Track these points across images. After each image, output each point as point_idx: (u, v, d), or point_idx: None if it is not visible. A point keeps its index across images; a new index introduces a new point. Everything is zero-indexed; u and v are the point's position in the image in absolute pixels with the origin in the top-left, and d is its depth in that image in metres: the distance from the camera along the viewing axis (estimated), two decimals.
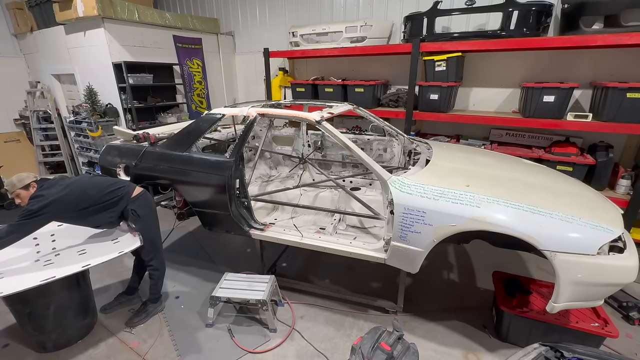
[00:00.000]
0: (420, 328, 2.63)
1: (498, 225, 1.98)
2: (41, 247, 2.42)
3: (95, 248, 2.39)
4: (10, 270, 2.13)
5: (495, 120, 3.57)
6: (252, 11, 5.49)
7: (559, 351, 1.56)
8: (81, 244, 2.45)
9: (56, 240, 2.51)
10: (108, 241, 2.48)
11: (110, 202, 2.39)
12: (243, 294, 2.55)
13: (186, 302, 2.93)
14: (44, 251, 2.37)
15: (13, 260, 2.24)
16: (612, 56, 3.30)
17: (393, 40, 4.41)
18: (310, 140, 3.86)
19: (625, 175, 3.21)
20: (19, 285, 1.94)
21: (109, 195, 2.39)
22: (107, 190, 2.40)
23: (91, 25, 4.34)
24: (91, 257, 2.25)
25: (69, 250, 2.38)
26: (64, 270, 2.09)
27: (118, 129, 3.33)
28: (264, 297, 2.49)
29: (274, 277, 2.74)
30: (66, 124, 5.37)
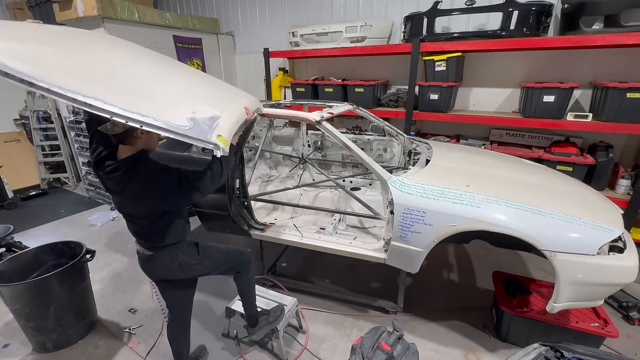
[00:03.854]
0: (420, 328, 2.63)
1: (498, 225, 1.98)
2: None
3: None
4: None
5: (495, 120, 3.57)
6: (252, 11, 5.48)
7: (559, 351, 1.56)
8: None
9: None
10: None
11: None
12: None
13: None
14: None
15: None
16: (612, 56, 3.30)
17: (393, 40, 4.41)
18: (310, 140, 3.86)
19: (625, 175, 3.21)
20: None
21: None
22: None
23: (91, 25, 4.33)
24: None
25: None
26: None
27: None
28: (277, 324, 2.25)
29: (296, 301, 2.48)
30: (66, 124, 5.36)
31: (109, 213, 4.77)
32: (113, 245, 3.95)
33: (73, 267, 2.37)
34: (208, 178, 1.60)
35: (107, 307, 2.89)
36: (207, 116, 1.44)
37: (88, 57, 1.48)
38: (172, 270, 1.83)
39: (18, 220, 4.53)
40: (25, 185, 5.64)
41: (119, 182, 1.53)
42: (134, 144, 1.55)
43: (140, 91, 1.43)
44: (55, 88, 1.16)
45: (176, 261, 1.79)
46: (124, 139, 1.52)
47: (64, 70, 1.28)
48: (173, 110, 1.39)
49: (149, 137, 1.59)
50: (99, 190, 5.13)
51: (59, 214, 4.81)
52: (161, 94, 1.49)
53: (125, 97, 1.30)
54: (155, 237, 1.73)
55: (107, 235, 4.17)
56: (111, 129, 1.44)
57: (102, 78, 1.37)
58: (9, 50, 1.20)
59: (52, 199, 5.48)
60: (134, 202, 1.62)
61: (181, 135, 1.32)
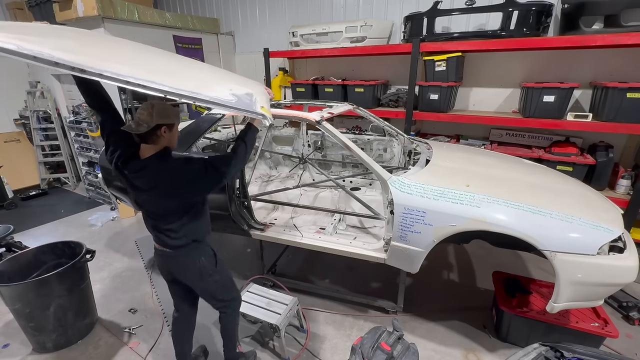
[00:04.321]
0: (420, 328, 2.63)
1: (498, 225, 1.98)
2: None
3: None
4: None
5: (495, 120, 3.57)
6: (252, 11, 5.48)
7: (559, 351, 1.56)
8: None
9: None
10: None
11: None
12: (258, 313, 2.33)
13: None
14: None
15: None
16: (612, 56, 3.30)
17: (393, 40, 4.40)
18: (310, 140, 3.86)
19: (625, 175, 3.21)
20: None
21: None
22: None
23: (91, 25, 4.33)
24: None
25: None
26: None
27: None
28: (277, 322, 2.25)
29: (297, 300, 2.48)
30: (66, 124, 5.37)
31: (109, 213, 4.77)
32: (113, 245, 3.95)
33: (73, 267, 2.37)
34: (232, 160, 1.64)
35: (107, 307, 2.89)
36: (244, 92, 1.48)
37: (114, 47, 1.55)
38: (191, 272, 1.82)
39: (18, 220, 4.53)
40: (25, 185, 5.64)
41: (149, 179, 1.56)
42: (157, 142, 1.57)
43: (176, 73, 1.47)
44: (107, 73, 1.21)
45: (197, 263, 1.79)
46: (148, 138, 1.54)
47: (105, 57, 1.33)
48: (214, 88, 1.44)
49: (172, 135, 1.61)
50: (99, 190, 5.13)
51: (59, 214, 4.82)
52: (194, 77, 1.53)
53: (169, 78, 1.34)
54: (180, 234, 1.71)
55: (107, 235, 4.18)
56: (136, 129, 1.47)
57: (139, 63, 1.42)
58: (48, 44, 1.25)
59: (52, 199, 5.48)
60: (165, 196, 1.62)
61: (232, 108, 1.39)
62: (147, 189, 1.59)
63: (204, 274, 1.82)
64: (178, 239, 1.72)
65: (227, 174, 1.64)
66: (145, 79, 1.25)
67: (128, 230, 4.34)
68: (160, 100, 1.55)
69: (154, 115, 1.50)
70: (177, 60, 1.80)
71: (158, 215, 1.70)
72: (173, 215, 1.67)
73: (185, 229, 1.71)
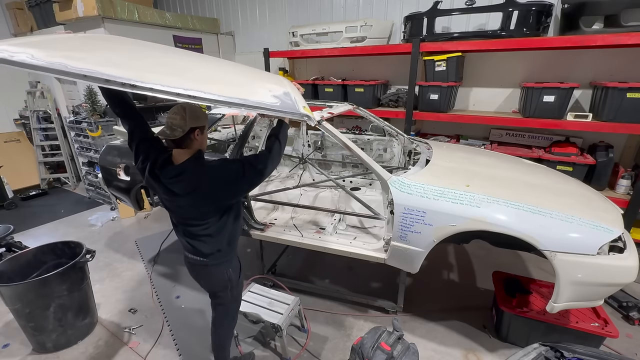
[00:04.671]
0: (420, 328, 2.63)
1: (498, 225, 1.98)
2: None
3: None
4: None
5: (495, 120, 3.57)
6: (252, 11, 5.48)
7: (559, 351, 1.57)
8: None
9: None
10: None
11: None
12: (259, 312, 2.33)
13: (187, 302, 2.93)
14: None
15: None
16: (612, 56, 3.30)
17: (393, 40, 4.41)
18: (310, 140, 3.86)
19: (625, 175, 3.21)
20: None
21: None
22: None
23: (91, 25, 4.33)
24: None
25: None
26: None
27: (118, 129, 3.33)
28: (279, 322, 2.23)
29: (298, 300, 2.49)
30: (66, 124, 5.37)
31: (109, 213, 4.78)
32: (113, 245, 3.95)
33: (73, 267, 2.37)
34: (268, 158, 1.66)
35: (107, 307, 2.90)
36: (282, 92, 1.48)
37: (149, 57, 1.52)
38: (217, 282, 1.85)
39: (18, 220, 4.53)
40: (25, 185, 5.65)
41: (188, 184, 1.55)
42: (190, 147, 1.57)
43: (216, 80, 1.47)
44: (157, 86, 1.20)
45: (225, 275, 1.81)
46: (182, 143, 1.54)
47: (148, 69, 1.31)
48: (255, 91, 1.44)
49: (203, 137, 1.62)
50: (99, 190, 5.14)
51: (59, 214, 4.82)
52: (231, 80, 1.53)
53: (213, 86, 1.33)
54: (216, 239, 1.71)
55: (107, 235, 4.18)
56: (171, 134, 1.48)
57: (178, 72, 1.40)
58: (91, 59, 1.23)
59: (52, 199, 5.48)
60: (204, 198, 1.60)
61: (277, 111, 1.40)
62: (186, 193, 1.57)
63: (226, 285, 1.85)
64: (213, 244, 1.72)
65: (264, 171, 1.65)
66: (192, 89, 1.24)
67: (128, 230, 4.34)
68: (191, 104, 1.54)
69: (187, 119, 1.51)
70: (208, 62, 1.80)
71: (195, 220, 1.66)
72: (211, 219, 1.66)
73: (222, 234, 1.71)
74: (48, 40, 1.44)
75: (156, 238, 3.98)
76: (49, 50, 1.22)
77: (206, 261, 1.75)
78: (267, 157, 1.66)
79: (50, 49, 1.25)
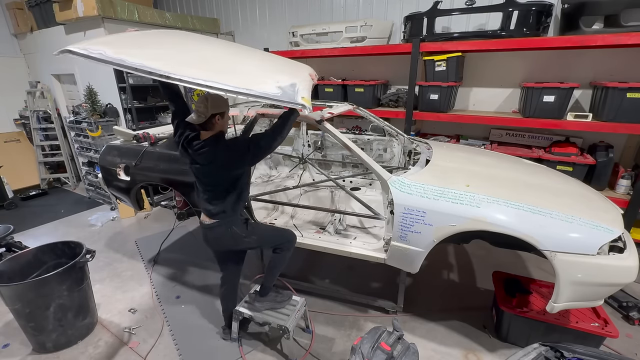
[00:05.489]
0: (420, 328, 2.63)
1: (498, 225, 1.98)
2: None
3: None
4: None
5: (495, 120, 3.57)
6: (252, 11, 5.48)
7: (559, 351, 1.56)
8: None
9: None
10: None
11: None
12: (266, 315, 2.34)
13: (187, 302, 2.93)
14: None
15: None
16: (612, 56, 3.30)
17: (393, 40, 4.40)
18: (310, 140, 3.86)
19: (625, 175, 3.21)
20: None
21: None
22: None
23: (91, 25, 4.33)
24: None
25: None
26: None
27: (118, 129, 3.33)
28: (286, 324, 2.24)
29: (304, 301, 2.49)
30: (66, 124, 5.37)
31: (109, 213, 4.78)
32: (113, 245, 3.95)
33: (73, 267, 2.37)
34: (270, 137, 1.94)
35: (107, 307, 2.90)
36: (289, 83, 1.72)
37: (187, 50, 1.89)
38: (225, 239, 2.16)
39: (18, 220, 4.53)
40: (25, 185, 5.65)
41: (208, 155, 1.92)
42: (212, 129, 1.93)
43: (235, 71, 1.78)
44: (185, 78, 1.56)
45: (229, 232, 2.12)
46: (206, 126, 1.90)
47: (181, 63, 1.68)
48: (264, 82, 1.71)
49: (224, 121, 1.98)
50: (99, 190, 5.14)
51: (59, 214, 4.82)
52: (249, 71, 1.84)
53: (226, 76, 1.64)
54: (223, 204, 2.06)
55: (107, 235, 4.18)
56: (197, 120, 1.84)
57: (203, 64, 1.73)
58: (142, 55, 1.63)
59: (52, 199, 5.48)
60: (220, 168, 1.97)
61: (277, 100, 1.65)
62: (206, 163, 1.95)
63: (236, 238, 2.15)
64: (220, 206, 2.06)
65: (265, 148, 1.95)
66: (210, 80, 1.56)
67: (128, 230, 4.34)
68: (213, 94, 1.84)
69: (209, 107, 1.84)
70: (236, 52, 2.11)
71: (211, 185, 2.04)
72: (224, 185, 2.04)
73: (228, 199, 2.06)
74: (117, 39, 1.86)
75: (156, 238, 3.98)
76: (115, 47, 1.62)
77: (213, 222, 2.10)
78: (269, 136, 1.94)
79: (117, 46, 1.64)
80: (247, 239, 2.19)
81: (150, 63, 1.56)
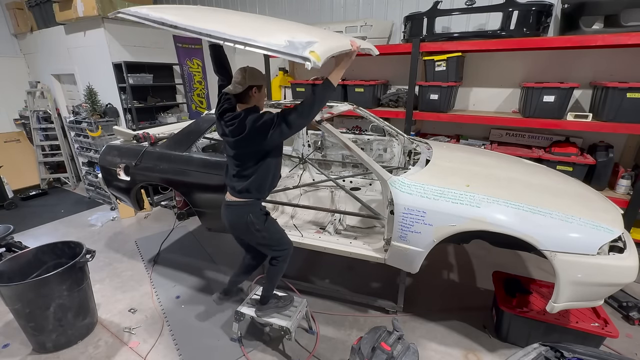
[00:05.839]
0: (420, 328, 2.63)
1: (498, 225, 1.98)
2: None
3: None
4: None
5: (495, 120, 3.56)
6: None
7: (559, 351, 1.56)
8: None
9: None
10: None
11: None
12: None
13: (187, 302, 2.93)
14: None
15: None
16: (612, 56, 3.30)
17: (393, 40, 4.40)
18: (310, 140, 3.86)
19: (625, 175, 3.21)
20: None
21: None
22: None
23: (91, 25, 4.34)
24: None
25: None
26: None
27: (118, 129, 3.33)
28: (288, 325, 2.24)
29: (306, 302, 2.50)
30: (66, 124, 5.37)
31: (109, 213, 4.78)
32: (113, 245, 3.95)
33: (73, 267, 2.37)
34: (298, 111, 1.87)
35: (107, 307, 2.90)
36: (305, 40, 1.62)
37: (215, 12, 2.11)
38: (239, 225, 2.12)
39: (18, 220, 4.54)
40: (25, 185, 5.65)
41: (236, 128, 1.89)
42: (248, 102, 1.93)
43: (250, 28, 1.80)
44: (204, 31, 1.68)
45: (245, 219, 2.07)
46: (242, 98, 1.91)
47: (208, 20, 1.79)
48: (273, 36, 1.66)
49: (260, 96, 1.97)
50: (99, 190, 5.14)
51: (59, 214, 4.82)
52: (269, 29, 1.85)
53: (239, 29, 1.69)
54: (248, 182, 2.01)
55: (107, 235, 4.18)
56: (233, 90, 1.86)
57: (231, 23, 1.87)
58: (198, 21, 1.75)
59: (52, 199, 5.48)
60: (248, 141, 1.91)
61: (274, 50, 1.58)
62: (234, 136, 1.91)
63: (251, 228, 2.09)
64: (244, 183, 2.02)
65: (292, 123, 1.87)
66: (213, 30, 1.66)
67: (128, 230, 4.34)
68: (251, 67, 1.91)
69: (247, 78, 1.85)
70: (277, 21, 2.17)
71: (239, 160, 2.00)
72: (251, 160, 1.98)
73: (256, 176, 2.01)
74: (158, 7, 2.02)
75: (156, 238, 3.98)
76: (158, 12, 1.75)
77: (234, 201, 2.07)
78: (297, 111, 1.88)
79: (159, 11, 1.76)
80: (258, 233, 2.12)
81: (184, 20, 1.68)
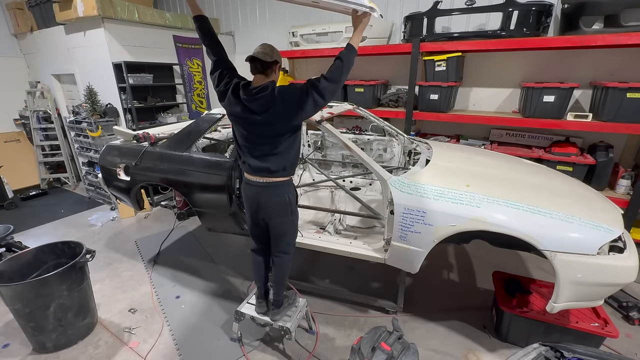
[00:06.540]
0: (420, 328, 2.63)
1: (498, 225, 1.98)
2: None
3: None
4: None
5: (495, 120, 3.57)
6: (252, 11, 5.48)
7: (559, 351, 1.56)
8: None
9: None
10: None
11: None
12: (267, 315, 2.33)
13: (187, 302, 2.93)
14: None
15: None
16: (612, 56, 3.30)
17: (393, 40, 4.40)
18: (310, 140, 3.86)
19: (625, 175, 3.21)
20: None
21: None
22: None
23: (91, 25, 4.34)
24: None
25: None
26: None
27: (118, 129, 3.33)
28: (288, 325, 2.23)
29: (306, 302, 2.49)
30: (66, 124, 5.37)
31: (109, 213, 4.78)
32: (113, 245, 3.95)
33: (73, 267, 2.37)
34: (328, 78, 1.83)
35: (107, 307, 2.90)
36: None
37: None
38: (278, 205, 2.01)
39: (18, 220, 4.53)
40: (25, 185, 5.65)
41: (263, 102, 1.79)
42: (270, 75, 1.87)
43: None
44: None
45: (285, 198, 2.01)
46: (267, 69, 1.85)
47: None
48: None
49: (278, 75, 1.95)
50: (99, 190, 5.14)
51: (59, 214, 4.82)
52: None
53: None
54: (283, 160, 1.92)
55: (107, 235, 4.18)
56: (263, 56, 1.79)
57: None
58: None
59: (52, 199, 5.48)
60: (279, 116, 1.81)
61: (353, 3, 1.64)
62: (262, 111, 1.80)
63: (287, 210, 2.03)
64: (280, 162, 1.92)
65: (325, 92, 1.82)
66: None
67: (128, 230, 4.34)
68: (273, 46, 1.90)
69: (274, 52, 1.86)
70: None
71: (267, 138, 1.87)
72: (280, 137, 1.87)
73: (288, 153, 1.93)
74: None
75: (156, 238, 3.98)
76: None
77: (270, 182, 1.96)
78: (327, 79, 1.82)
79: None
80: (292, 216, 2.07)
81: None
